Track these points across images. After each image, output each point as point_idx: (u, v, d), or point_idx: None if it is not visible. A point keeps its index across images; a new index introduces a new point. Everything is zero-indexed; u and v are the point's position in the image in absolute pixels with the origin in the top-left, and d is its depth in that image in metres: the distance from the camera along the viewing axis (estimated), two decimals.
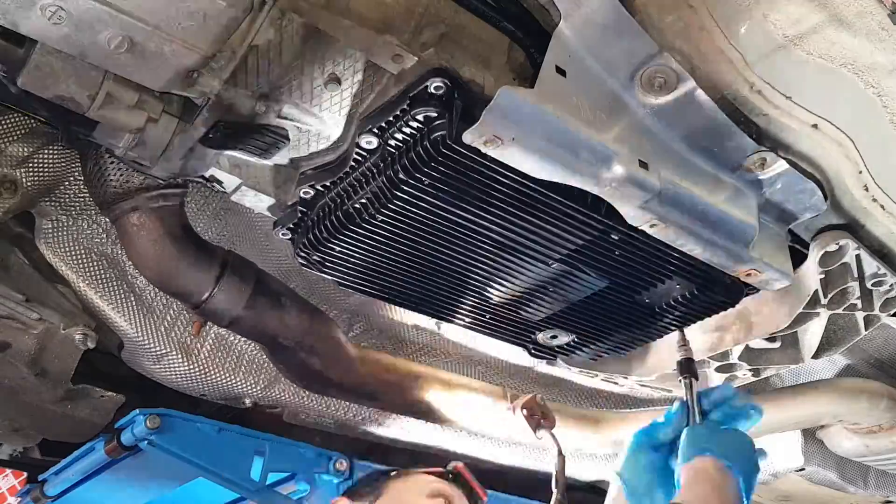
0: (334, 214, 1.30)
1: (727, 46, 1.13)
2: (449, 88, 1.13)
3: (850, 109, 1.23)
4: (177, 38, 1.00)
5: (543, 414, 1.77)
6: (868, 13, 1.10)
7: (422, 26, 1.13)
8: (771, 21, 1.11)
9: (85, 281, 1.83)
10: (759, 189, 1.34)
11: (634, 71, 1.17)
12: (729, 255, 1.33)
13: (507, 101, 1.05)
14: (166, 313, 1.95)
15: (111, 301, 1.87)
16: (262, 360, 2.10)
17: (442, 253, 1.37)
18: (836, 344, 1.74)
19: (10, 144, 1.64)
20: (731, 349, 1.79)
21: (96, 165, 1.50)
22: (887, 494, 2.91)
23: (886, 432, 2.40)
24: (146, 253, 1.55)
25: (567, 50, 1.14)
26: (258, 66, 1.19)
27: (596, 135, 1.13)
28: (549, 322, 1.64)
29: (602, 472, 2.78)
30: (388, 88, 1.21)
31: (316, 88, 1.23)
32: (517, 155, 1.11)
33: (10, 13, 0.95)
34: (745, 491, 1.21)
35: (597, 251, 1.37)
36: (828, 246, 1.46)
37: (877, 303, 1.62)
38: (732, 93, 1.20)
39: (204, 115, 1.19)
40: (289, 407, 2.26)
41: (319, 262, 1.39)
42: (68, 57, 1.05)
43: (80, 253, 1.82)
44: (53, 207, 1.77)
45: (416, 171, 1.17)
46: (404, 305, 1.58)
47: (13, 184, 1.67)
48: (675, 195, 1.22)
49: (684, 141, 1.24)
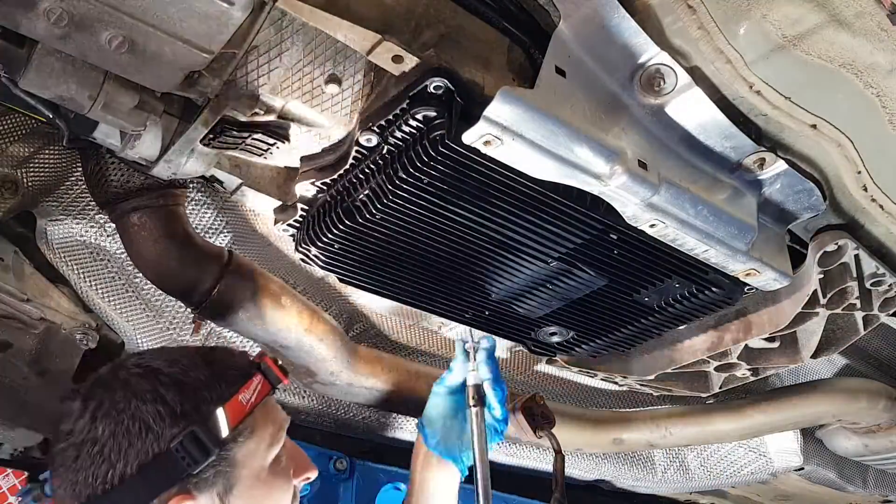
0: (334, 211, 1.31)
1: (726, 47, 1.13)
2: (448, 88, 1.13)
3: (849, 110, 1.24)
4: (177, 38, 1.00)
5: (543, 414, 1.77)
6: (867, 13, 1.10)
7: (422, 27, 1.14)
8: (770, 21, 1.11)
9: (85, 281, 1.83)
10: (758, 189, 1.34)
11: (634, 71, 1.17)
12: (728, 254, 1.33)
13: (506, 101, 1.05)
14: (166, 313, 1.95)
15: (112, 301, 1.87)
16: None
17: (441, 250, 1.37)
18: (835, 344, 1.74)
19: (11, 144, 1.64)
20: (731, 349, 1.80)
21: (97, 165, 1.50)
22: (886, 494, 2.91)
23: (885, 432, 2.40)
24: (147, 253, 1.55)
25: (567, 50, 1.14)
26: (258, 66, 1.19)
27: (595, 135, 1.14)
28: (548, 319, 1.65)
29: (602, 472, 2.79)
30: (388, 88, 1.22)
31: (316, 88, 1.24)
32: (516, 155, 1.12)
33: (10, 13, 0.95)
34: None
35: (596, 250, 1.37)
36: (827, 246, 1.47)
37: (876, 302, 1.63)
38: (732, 93, 1.20)
39: (204, 115, 1.19)
40: (289, 406, 2.26)
41: (319, 259, 1.40)
42: (69, 57, 1.05)
43: (81, 253, 1.82)
44: (54, 207, 1.77)
45: (416, 169, 1.17)
46: (404, 302, 1.58)
47: (14, 184, 1.67)
48: (674, 195, 1.22)
49: (683, 141, 1.24)
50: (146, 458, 1.15)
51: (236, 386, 1.25)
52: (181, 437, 1.16)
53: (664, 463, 2.84)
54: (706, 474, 2.83)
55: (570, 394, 2.48)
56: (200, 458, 1.17)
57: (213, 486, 1.19)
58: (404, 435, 2.45)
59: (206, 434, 1.18)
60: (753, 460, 2.74)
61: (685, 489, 2.99)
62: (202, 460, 1.17)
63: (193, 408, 1.19)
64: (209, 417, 1.20)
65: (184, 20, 0.98)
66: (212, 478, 1.18)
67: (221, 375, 1.25)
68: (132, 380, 1.20)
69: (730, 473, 2.80)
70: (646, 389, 2.13)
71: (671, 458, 2.83)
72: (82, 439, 1.17)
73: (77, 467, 1.16)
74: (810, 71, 1.17)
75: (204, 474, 1.18)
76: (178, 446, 1.16)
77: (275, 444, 1.28)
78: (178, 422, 1.17)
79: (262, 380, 1.29)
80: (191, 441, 1.16)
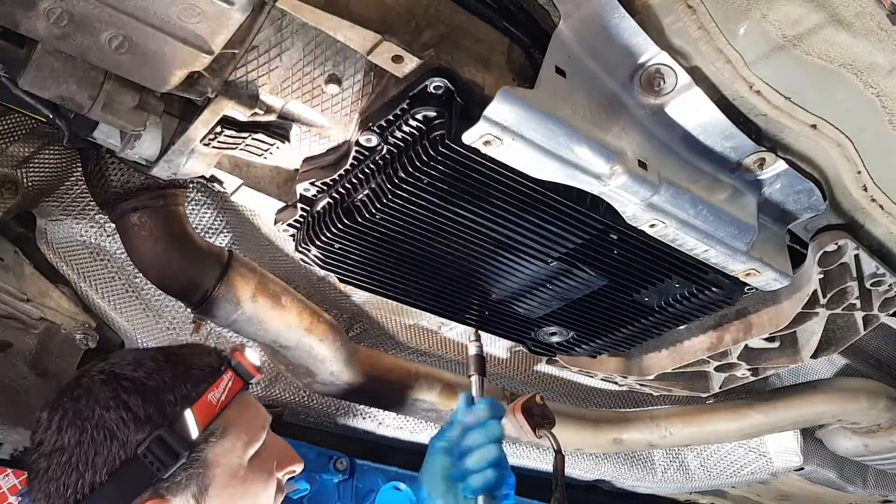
0: (334, 211, 1.31)
1: (726, 47, 1.13)
2: (448, 88, 1.13)
3: (849, 110, 1.24)
4: (177, 38, 1.00)
5: (543, 414, 1.77)
6: (867, 13, 1.10)
7: (422, 27, 1.14)
8: (770, 21, 1.11)
9: (85, 281, 1.84)
10: (758, 189, 1.34)
11: (634, 71, 1.17)
12: (728, 254, 1.33)
13: (506, 101, 1.05)
14: (167, 313, 1.95)
15: (112, 301, 1.87)
16: (263, 360, 2.11)
17: (441, 250, 1.37)
18: (835, 344, 1.74)
19: (11, 144, 1.65)
20: (731, 349, 1.80)
21: (97, 165, 1.50)
22: (886, 494, 2.91)
23: (885, 432, 2.40)
24: (147, 253, 1.55)
25: (567, 50, 1.14)
26: (258, 66, 1.19)
27: (595, 135, 1.13)
28: (548, 319, 1.65)
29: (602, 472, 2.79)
30: (388, 88, 1.22)
31: (316, 88, 1.24)
32: (516, 155, 1.12)
33: (10, 13, 0.95)
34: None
35: (596, 250, 1.37)
36: (827, 246, 1.46)
37: (876, 302, 1.63)
38: (732, 93, 1.20)
39: (204, 115, 1.19)
40: (289, 406, 2.26)
41: (319, 258, 1.40)
42: (69, 57, 1.05)
43: (81, 253, 1.82)
44: (54, 207, 1.77)
45: (415, 169, 1.17)
46: (403, 302, 1.58)
47: (14, 184, 1.67)
48: (674, 195, 1.22)
49: (683, 141, 1.24)
50: (114, 465, 1.14)
51: (204, 385, 1.23)
52: (148, 443, 1.15)
53: (664, 463, 2.84)
54: (706, 474, 2.83)
55: (570, 394, 2.48)
56: (169, 461, 1.15)
57: (186, 488, 1.18)
58: (404, 435, 2.45)
59: (174, 437, 1.16)
60: (753, 460, 2.74)
61: (685, 489, 2.99)
62: (171, 464, 1.16)
63: (158, 411, 1.17)
64: (176, 420, 1.18)
65: (184, 20, 0.98)
66: (184, 480, 1.17)
67: (186, 375, 1.23)
68: (95, 387, 1.19)
69: (730, 473, 2.81)
70: (646, 389, 2.13)
71: (671, 458, 2.84)
72: (51, 450, 1.17)
73: (49, 478, 1.16)
74: (810, 71, 1.17)
75: (176, 477, 1.17)
76: (145, 451, 1.14)
77: (253, 441, 1.26)
78: (142, 427, 1.16)
79: (234, 376, 1.27)
80: (158, 445, 1.15)
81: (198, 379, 1.24)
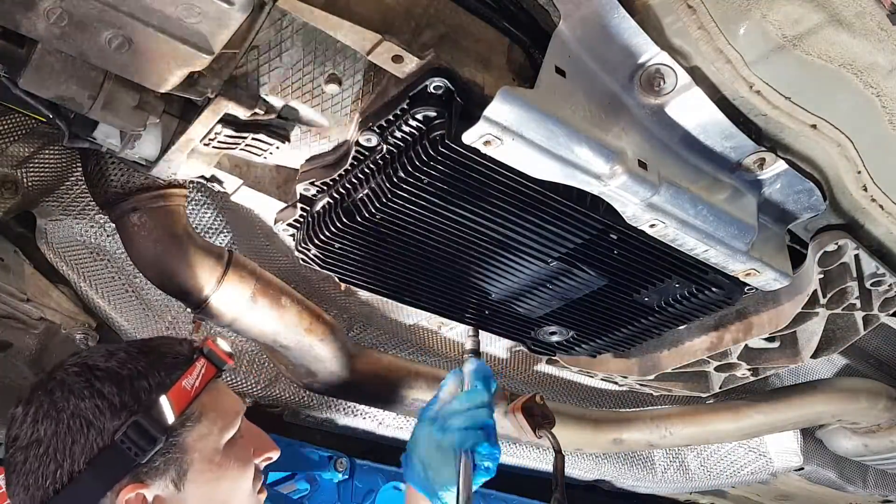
0: (334, 211, 1.31)
1: (726, 47, 1.13)
2: (448, 88, 1.13)
3: (849, 110, 1.24)
4: (177, 38, 1.00)
5: (543, 414, 1.77)
6: (867, 13, 1.10)
7: (422, 27, 1.14)
8: (770, 21, 1.11)
9: (85, 280, 1.84)
10: (758, 189, 1.34)
11: (634, 71, 1.17)
12: (728, 254, 1.33)
13: (506, 101, 1.05)
14: (167, 313, 1.95)
15: (112, 301, 1.87)
16: (263, 360, 2.11)
17: (440, 250, 1.37)
18: (835, 344, 1.74)
19: (11, 144, 1.65)
20: (731, 349, 1.80)
21: (97, 165, 1.50)
22: (886, 494, 2.91)
23: (885, 432, 2.40)
24: (147, 253, 1.55)
25: (567, 50, 1.14)
26: (258, 66, 1.19)
27: (595, 135, 1.13)
28: (548, 319, 1.65)
29: (602, 472, 2.79)
30: (388, 88, 1.22)
31: (316, 88, 1.24)
32: (516, 155, 1.12)
33: (10, 13, 0.95)
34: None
35: (596, 250, 1.37)
36: (827, 246, 1.46)
37: (875, 302, 1.63)
38: (732, 93, 1.20)
39: (204, 115, 1.19)
40: (289, 406, 2.26)
41: (319, 258, 1.40)
42: (69, 57, 1.05)
43: (81, 253, 1.82)
44: (54, 207, 1.77)
45: (415, 169, 1.17)
46: (403, 301, 1.58)
47: (14, 184, 1.67)
48: (674, 195, 1.22)
49: (683, 141, 1.24)
50: (92, 452, 1.15)
51: (177, 372, 1.25)
52: (124, 429, 1.16)
53: (664, 463, 2.85)
54: (706, 474, 2.83)
55: (570, 394, 2.48)
56: (147, 446, 1.17)
57: (165, 473, 1.19)
58: (404, 435, 2.45)
59: (151, 422, 1.18)
60: (753, 460, 2.75)
61: (685, 489, 2.99)
62: (149, 448, 1.17)
63: (133, 398, 1.19)
64: (152, 406, 1.20)
65: (184, 20, 0.98)
66: (163, 465, 1.19)
67: (160, 364, 1.25)
68: (68, 378, 1.21)
69: (730, 473, 2.81)
70: (646, 389, 2.13)
71: (671, 458, 2.84)
72: (27, 443, 1.18)
73: (26, 470, 1.17)
74: (810, 71, 1.16)
75: (154, 462, 1.18)
76: (122, 437, 1.16)
77: (228, 427, 1.28)
78: (118, 414, 1.17)
79: (207, 364, 1.29)
80: (135, 431, 1.17)
81: (171, 366, 1.25)
